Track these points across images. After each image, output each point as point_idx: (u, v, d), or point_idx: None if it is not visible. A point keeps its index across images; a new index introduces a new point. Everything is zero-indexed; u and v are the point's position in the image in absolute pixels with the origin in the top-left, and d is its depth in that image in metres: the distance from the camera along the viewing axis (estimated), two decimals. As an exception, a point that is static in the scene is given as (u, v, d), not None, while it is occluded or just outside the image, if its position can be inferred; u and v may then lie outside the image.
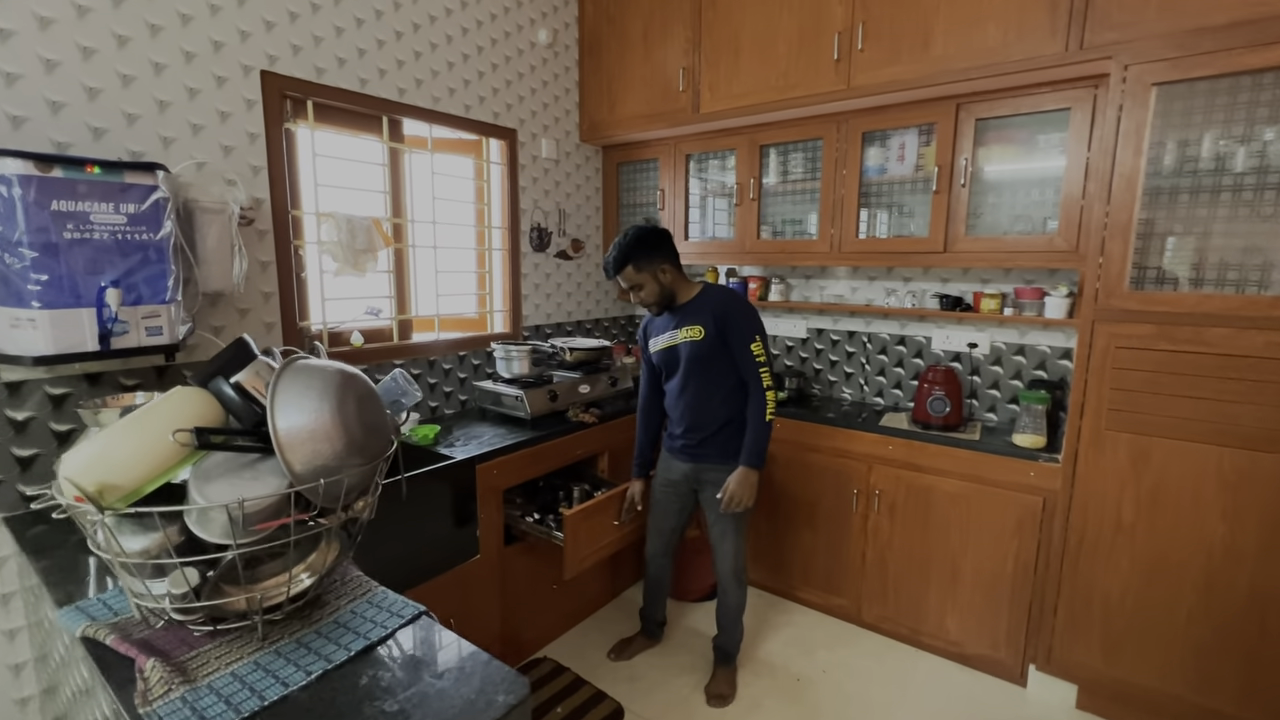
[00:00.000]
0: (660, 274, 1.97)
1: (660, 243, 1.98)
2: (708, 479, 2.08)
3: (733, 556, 2.10)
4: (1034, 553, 2.09)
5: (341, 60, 2.07)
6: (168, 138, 1.71)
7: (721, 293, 2.01)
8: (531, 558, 2.24)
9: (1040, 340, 2.43)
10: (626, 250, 1.95)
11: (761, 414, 1.94)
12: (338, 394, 1.02)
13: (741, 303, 1.98)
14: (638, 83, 2.81)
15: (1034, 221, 2.18)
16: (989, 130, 2.19)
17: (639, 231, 1.97)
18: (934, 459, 2.25)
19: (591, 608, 2.58)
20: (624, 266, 1.95)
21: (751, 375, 1.94)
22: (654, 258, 1.96)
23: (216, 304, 1.85)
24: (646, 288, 1.98)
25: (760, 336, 1.94)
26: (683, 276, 2.04)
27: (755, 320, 1.97)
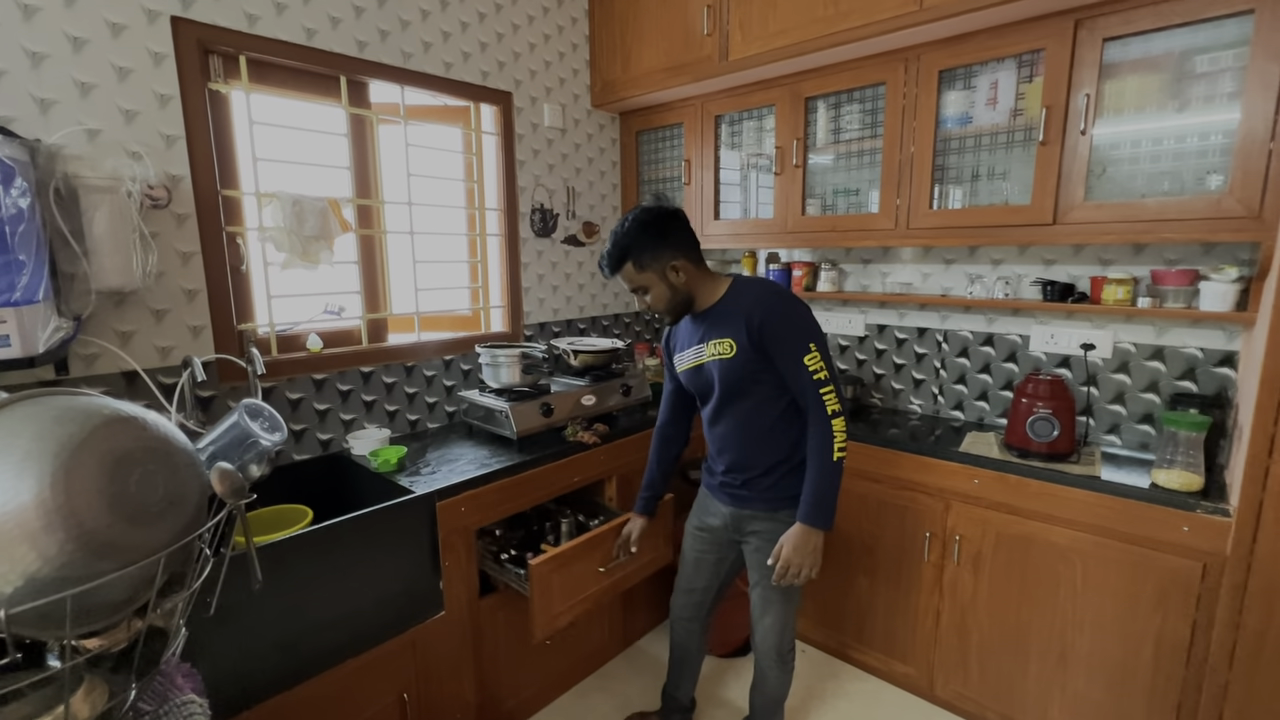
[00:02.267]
0: (670, 272, 1.46)
1: (670, 229, 1.46)
2: (754, 529, 1.58)
3: (778, 633, 1.61)
4: (1187, 638, 1.51)
5: (280, 5, 1.70)
6: (45, 99, 1.38)
7: (757, 290, 1.47)
8: (515, 609, 1.83)
9: (1187, 340, 1.81)
10: (625, 242, 1.45)
11: (827, 452, 1.41)
12: (60, 459, 0.62)
13: (784, 302, 1.44)
14: (654, 30, 2.33)
15: (1185, 179, 1.58)
16: (1122, 54, 1.60)
17: (641, 215, 1.46)
18: (1036, 499, 1.70)
19: (595, 662, 2.16)
20: (622, 264, 1.47)
21: (810, 398, 1.42)
22: (661, 251, 1.45)
23: (122, 304, 1.52)
24: (654, 290, 1.48)
25: (817, 344, 1.42)
26: (704, 272, 1.52)
27: (807, 323, 1.44)
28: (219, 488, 0.78)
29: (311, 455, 1.87)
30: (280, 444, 0.92)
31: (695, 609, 1.76)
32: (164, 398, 1.55)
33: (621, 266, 1.47)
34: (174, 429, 0.76)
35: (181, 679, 0.89)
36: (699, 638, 1.81)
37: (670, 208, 1.50)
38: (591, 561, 1.75)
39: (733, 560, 1.71)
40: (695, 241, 1.51)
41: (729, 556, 1.70)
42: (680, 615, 1.79)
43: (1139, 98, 1.60)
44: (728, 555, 1.70)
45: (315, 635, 1.38)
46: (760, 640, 1.64)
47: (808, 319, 1.45)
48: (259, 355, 1.62)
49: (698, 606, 1.76)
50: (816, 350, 1.41)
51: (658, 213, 1.47)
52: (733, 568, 1.73)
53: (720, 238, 2.49)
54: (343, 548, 1.41)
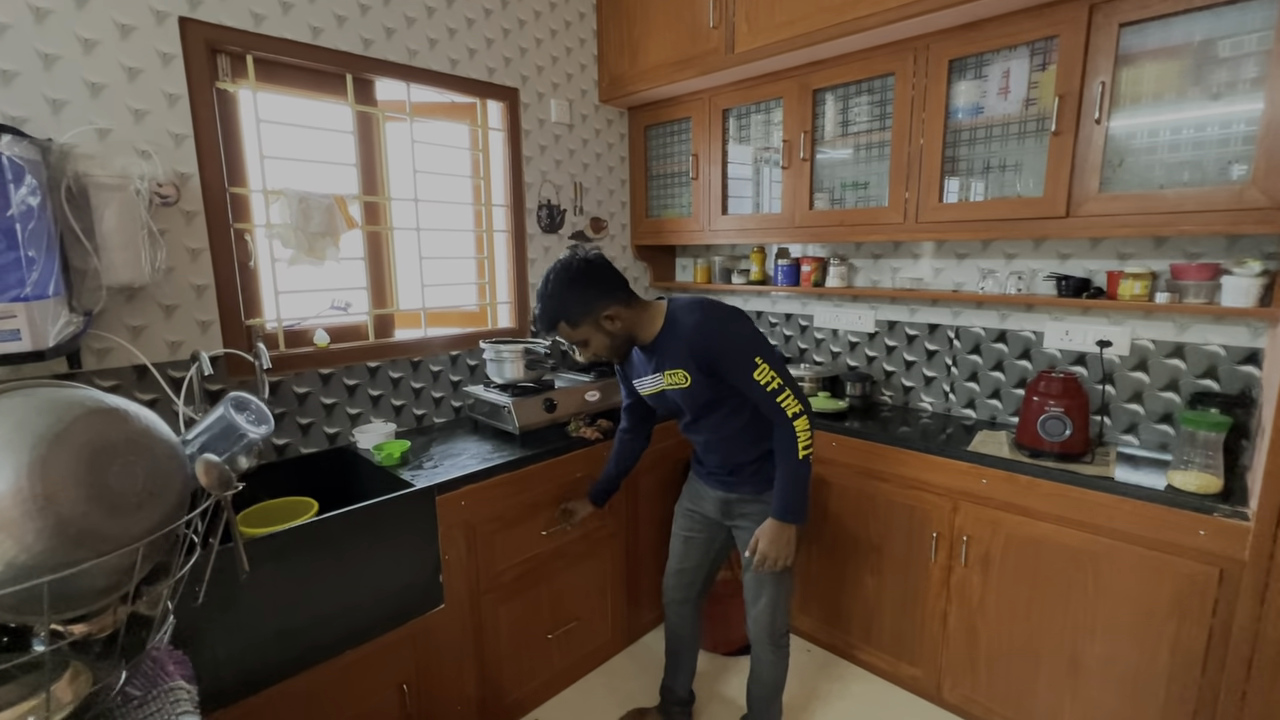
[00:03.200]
0: (605, 321, 1.44)
1: (594, 279, 1.44)
2: (744, 512, 1.62)
3: (769, 613, 1.62)
4: (1203, 645, 1.46)
5: (286, 5, 1.72)
6: (57, 99, 1.41)
7: (692, 318, 1.45)
8: (518, 603, 1.84)
9: (1209, 337, 1.75)
10: (552, 304, 1.43)
11: (792, 452, 1.44)
12: (38, 450, 0.64)
13: (717, 327, 1.43)
14: (661, 23, 2.31)
15: (1207, 169, 1.52)
16: (1139, 41, 1.54)
17: (562, 273, 1.43)
18: (1047, 500, 1.65)
19: (598, 658, 2.16)
20: (555, 325, 1.45)
21: (768, 407, 1.44)
22: (591, 304, 1.43)
23: (133, 299, 1.56)
24: (593, 342, 1.47)
25: (761, 356, 1.42)
26: (639, 308, 1.50)
27: (746, 339, 1.44)
28: (204, 479, 0.79)
29: (318, 449, 1.90)
30: (266, 436, 0.93)
31: (686, 589, 1.79)
32: (172, 391, 1.59)
33: (555, 327, 1.46)
34: (157, 421, 0.77)
35: (173, 666, 0.91)
36: (692, 622, 1.82)
37: (590, 257, 1.48)
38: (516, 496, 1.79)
39: (722, 542, 1.76)
40: (621, 281, 1.49)
41: (718, 538, 1.76)
42: (672, 597, 1.81)
43: (1157, 85, 1.54)
44: (717, 537, 1.75)
45: (316, 626, 1.40)
46: (754, 624, 1.65)
47: (745, 334, 1.45)
48: (265, 350, 1.65)
49: (689, 586, 1.79)
50: (763, 362, 1.42)
51: (577, 266, 1.44)
52: (722, 550, 1.78)
53: (728, 233, 2.47)
54: (343, 540, 1.43)
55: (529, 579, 1.86)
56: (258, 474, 1.71)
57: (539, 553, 1.87)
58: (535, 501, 1.84)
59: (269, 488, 1.71)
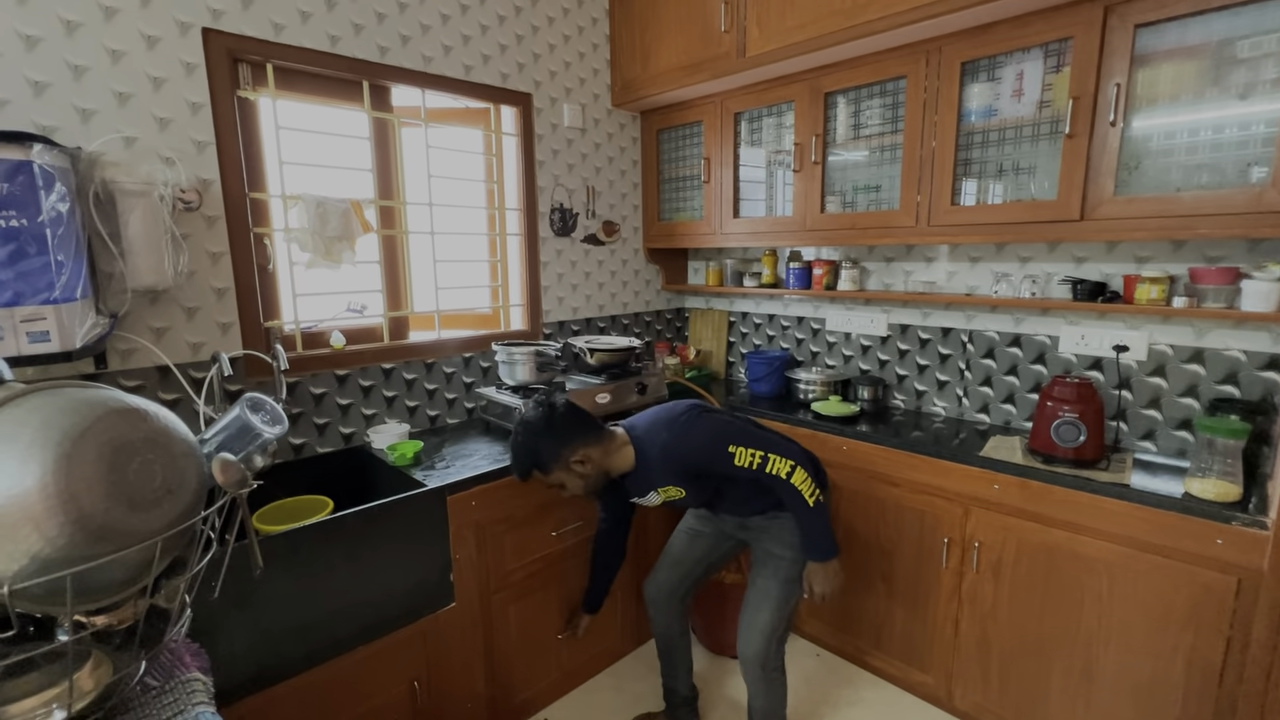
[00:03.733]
0: (576, 465, 1.50)
1: (561, 426, 1.50)
2: (760, 526, 1.63)
3: (764, 637, 1.58)
4: (1221, 656, 1.43)
5: (305, 14, 1.76)
6: (86, 109, 1.46)
7: (654, 449, 1.51)
8: (527, 603, 1.86)
9: (1228, 342, 1.72)
10: (523, 455, 1.51)
11: (803, 504, 1.47)
12: (63, 447, 0.66)
13: (680, 446, 1.49)
14: (673, 27, 2.33)
15: (1226, 171, 1.49)
16: (1156, 41, 1.52)
17: (529, 425, 1.50)
18: (1060, 507, 1.63)
19: (606, 659, 2.17)
20: (530, 474, 1.54)
21: (762, 480, 1.48)
22: (559, 451, 1.49)
23: (156, 302, 1.60)
24: (569, 485, 1.53)
25: (732, 443, 1.47)
26: (610, 446, 1.54)
27: (709, 439, 1.49)
28: (220, 478, 0.82)
29: (334, 448, 1.94)
30: (281, 436, 0.96)
31: (676, 584, 1.80)
32: (193, 391, 1.63)
33: (530, 475, 1.55)
34: (176, 420, 0.80)
35: (190, 657, 0.94)
36: (680, 619, 1.83)
37: (551, 405, 1.53)
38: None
39: (727, 549, 1.79)
40: (589, 425, 1.53)
41: (724, 544, 1.78)
42: (655, 598, 1.82)
43: (1174, 86, 1.52)
44: (724, 542, 1.78)
45: (329, 622, 1.43)
46: (745, 646, 1.61)
47: (707, 434, 1.49)
48: (283, 351, 1.69)
49: (679, 582, 1.80)
50: (736, 447, 1.46)
51: (544, 419, 1.50)
52: (724, 557, 1.81)
53: (739, 236, 2.47)
54: (357, 538, 1.46)
55: (538, 579, 1.88)
56: (275, 472, 1.75)
57: (548, 553, 1.89)
58: (544, 503, 1.86)
59: (286, 486, 1.74)
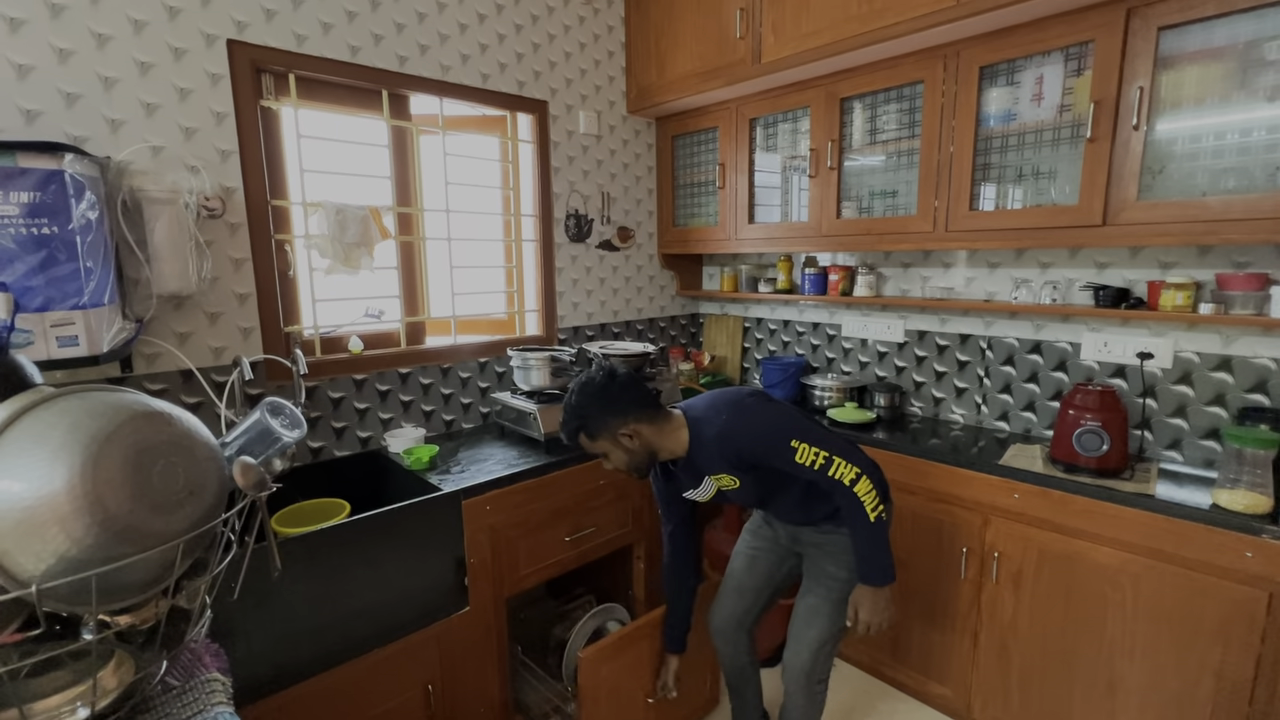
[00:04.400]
0: (624, 438, 1.42)
1: (616, 395, 1.43)
2: (815, 541, 1.55)
3: (813, 652, 1.52)
4: (1251, 673, 1.39)
5: (326, 25, 1.80)
6: (115, 119, 1.50)
7: (711, 429, 1.42)
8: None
9: (1258, 350, 1.67)
10: (572, 416, 1.44)
11: (861, 516, 1.36)
12: (90, 450, 0.68)
13: (740, 431, 1.39)
14: (688, 34, 2.33)
15: (1254, 174, 1.46)
16: (1180, 44, 1.50)
17: (584, 386, 1.45)
18: (1082, 517, 1.60)
19: (622, 666, 2.16)
20: (577, 436, 1.46)
21: (823, 482, 1.37)
22: (609, 419, 1.42)
23: (181, 307, 1.64)
24: (612, 456, 1.46)
25: (795, 437, 1.36)
26: (663, 424, 1.45)
27: (770, 429, 1.39)
28: (240, 480, 0.83)
29: (351, 452, 1.96)
30: (299, 440, 0.97)
31: (743, 614, 1.67)
32: (215, 395, 1.66)
33: (577, 438, 1.47)
34: (198, 424, 0.81)
35: (209, 658, 0.95)
36: (749, 650, 1.71)
37: (611, 372, 1.47)
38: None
39: (790, 568, 1.67)
40: (645, 398, 1.46)
41: (787, 562, 1.67)
42: (722, 629, 1.69)
43: (1199, 89, 1.49)
44: (786, 560, 1.66)
45: (345, 624, 1.44)
46: (792, 657, 1.55)
47: (769, 423, 1.40)
48: (303, 356, 1.72)
49: (746, 612, 1.68)
50: (799, 443, 1.35)
51: (600, 382, 1.44)
52: (788, 576, 1.68)
53: (754, 242, 2.47)
54: (372, 541, 1.47)
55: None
56: (294, 476, 1.77)
57: (561, 558, 1.89)
58: (559, 508, 1.86)
59: (304, 489, 1.77)
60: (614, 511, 2.04)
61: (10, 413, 0.68)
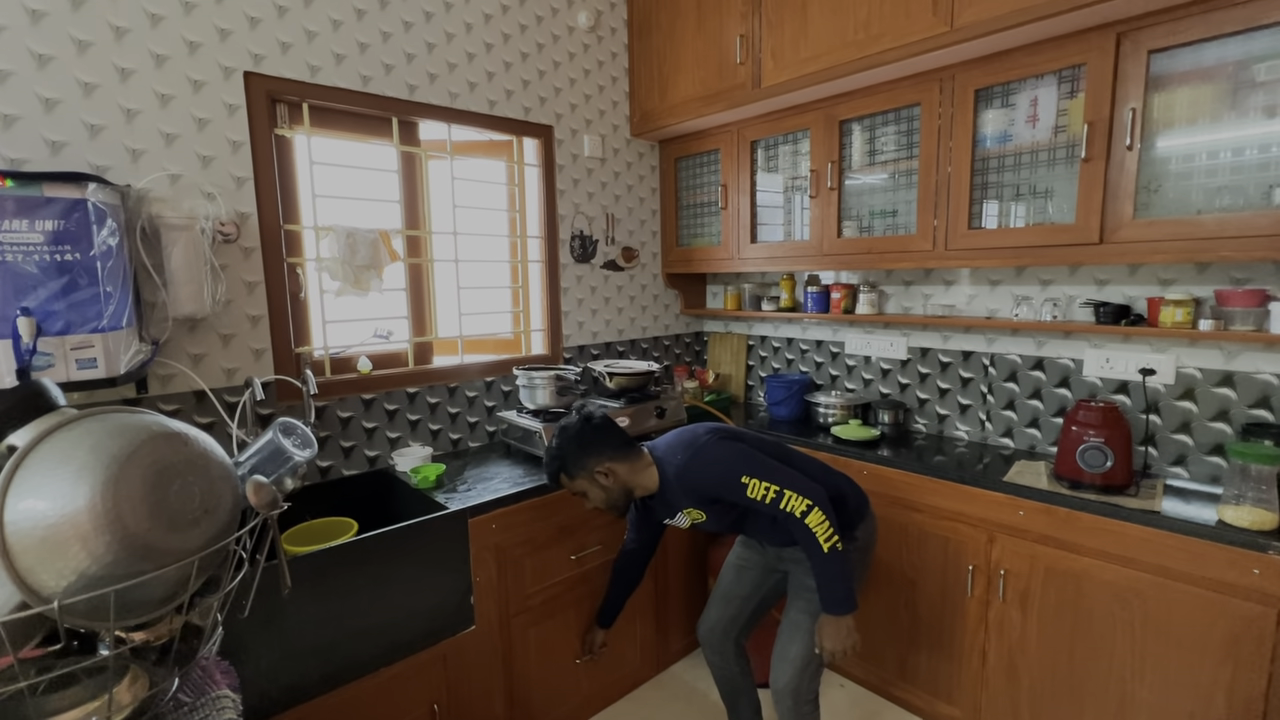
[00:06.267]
0: (599, 476, 1.53)
1: (590, 438, 1.55)
2: (794, 558, 1.61)
3: (798, 670, 1.55)
4: (1262, 691, 1.37)
5: (339, 56, 1.86)
6: (136, 149, 1.56)
7: (671, 469, 1.53)
8: (547, 627, 1.87)
9: (1260, 365, 1.68)
10: (553, 459, 1.57)
11: (816, 549, 1.41)
12: (111, 469, 0.70)
13: (695, 469, 1.49)
14: (690, 60, 2.39)
15: (1249, 192, 1.48)
16: (1170, 66, 1.53)
17: (562, 430, 1.58)
18: (1088, 534, 1.60)
19: (627, 685, 2.16)
20: (558, 477, 1.58)
21: (776, 514, 1.44)
22: (585, 459, 1.53)
23: (195, 330, 1.68)
24: (590, 494, 1.57)
25: (746, 473, 1.44)
26: (637, 464, 1.56)
27: (723, 467, 1.47)
28: (253, 499, 0.86)
29: (359, 471, 1.98)
30: (311, 459, 1.00)
31: (726, 625, 1.75)
32: (227, 415, 1.70)
33: (558, 479, 1.59)
34: (213, 444, 0.84)
35: (220, 675, 0.97)
36: (738, 660, 1.78)
37: (586, 417, 1.59)
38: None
39: (776, 581, 1.74)
40: (619, 439, 1.57)
41: (773, 576, 1.74)
42: (708, 638, 1.77)
43: (1191, 110, 1.52)
44: (772, 574, 1.73)
45: (352, 642, 1.45)
46: (778, 677, 1.58)
47: (722, 462, 1.47)
48: (313, 376, 1.75)
49: (732, 620, 1.75)
50: (750, 479, 1.43)
51: (577, 427, 1.57)
52: (774, 590, 1.75)
53: (757, 261, 2.50)
54: (379, 560, 1.49)
55: (558, 603, 1.89)
56: (303, 495, 1.79)
57: (568, 577, 1.90)
58: (564, 525, 1.87)
59: (313, 508, 1.79)
60: (619, 530, 2.04)
61: (37, 434, 0.71)
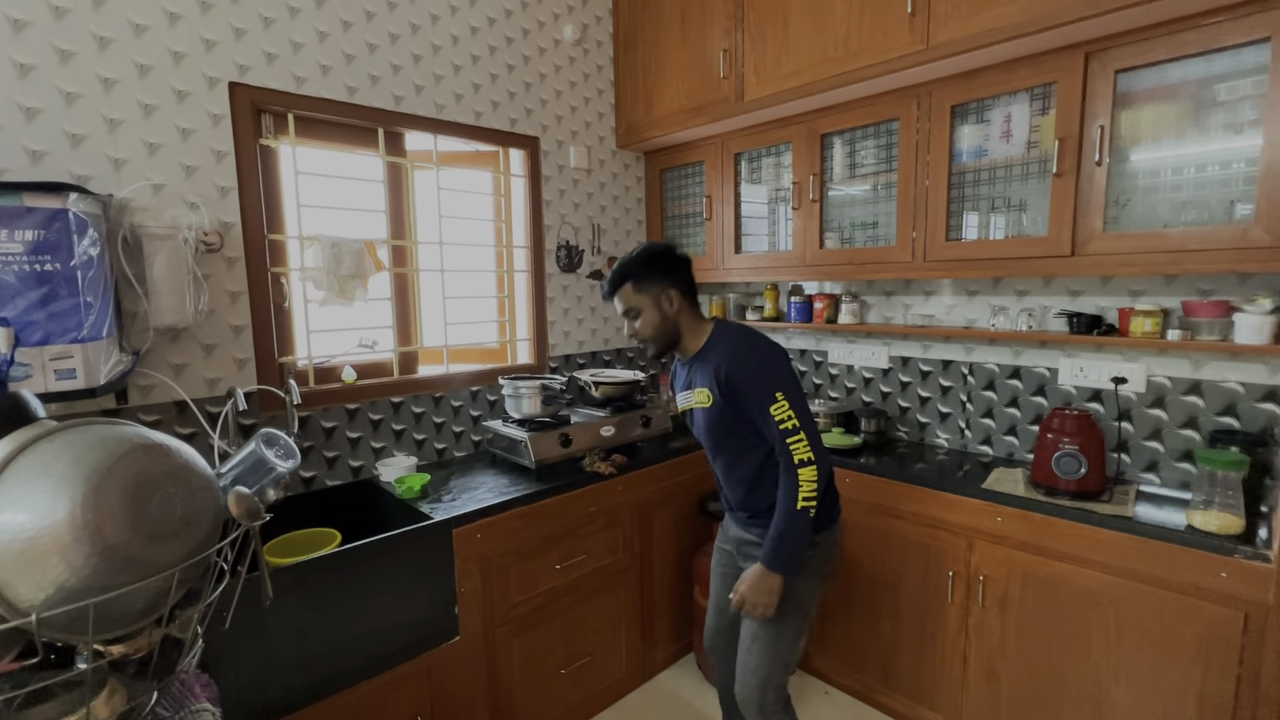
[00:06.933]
0: (664, 300, 1.52)
1: (673, 264, 1.55)
2: (752, 555, 1.55)
3: (761, 678, 1.49)
4: (1232, 693, 1.41)
5: (325, 67, 1.87)
6: (118, 159, 1.55)
7: (727, 341, 1.50)
8: (532, 637, 1.86)
9: (1225, 374, 1.73)
10: (628, 264, 1.53)
11: (791, 500, 1.39)
12: (91, 481, 0.70)
13: (750, 352, 1.45)
14: (674, 73, 2.43)
15: (1212, 207, 1.53)
16: (1136, 85, 1.59)
17: (649, 246, 1.56)
18: (1063, 539, 1.63)
19: (613, 695, 2.15)
20: (622, 283, 1.53)
21: (779, 447, 1.41)
22: (660, 279, 1.52)
23: (177, 340, 1.67)
24: (645, 315, 1.53)
25: (785, 393, 1.40)
26: (695, 315, 1.57)
27: (774, 372, 1.43)
28: (234, 510, 0.86)
29: (343, 481, 1.97)
30: (293, 470, 1.00)
31: (727, 632, 1.68)
32: (209, 425, 1.68)
33: (621, 285, 1.54)
34: (195, 455, 0.84)
35: (200, 688, 0.96)
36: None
37: (672, 246, 1.58)
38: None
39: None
40: (693, 284, 1.58)
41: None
42: (713, 646, 1.74)
43: (1156, 128, 1.58)
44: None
45: (334, 655, 1.44)
46: (740, 688, 1.52)
47: (775, 367, 1.43)
48: (296, 386, 1.74)
49: (730, 629, 1.68)
50: (784, 399, 1.39)
51: (665, 247, 1.57)
52: None
53: (741, 271, 2.53)
54: (363, 571, 1.48)
55: (543, 613, 1.88)
56: (285, 506, 1.78)
57: (553, 586, 1.90)
58: (550, 535, 1.88)
59: (295, 519, 1.78)
60: (605, 539, 2.05)
61: (15, 446, 0.71)
